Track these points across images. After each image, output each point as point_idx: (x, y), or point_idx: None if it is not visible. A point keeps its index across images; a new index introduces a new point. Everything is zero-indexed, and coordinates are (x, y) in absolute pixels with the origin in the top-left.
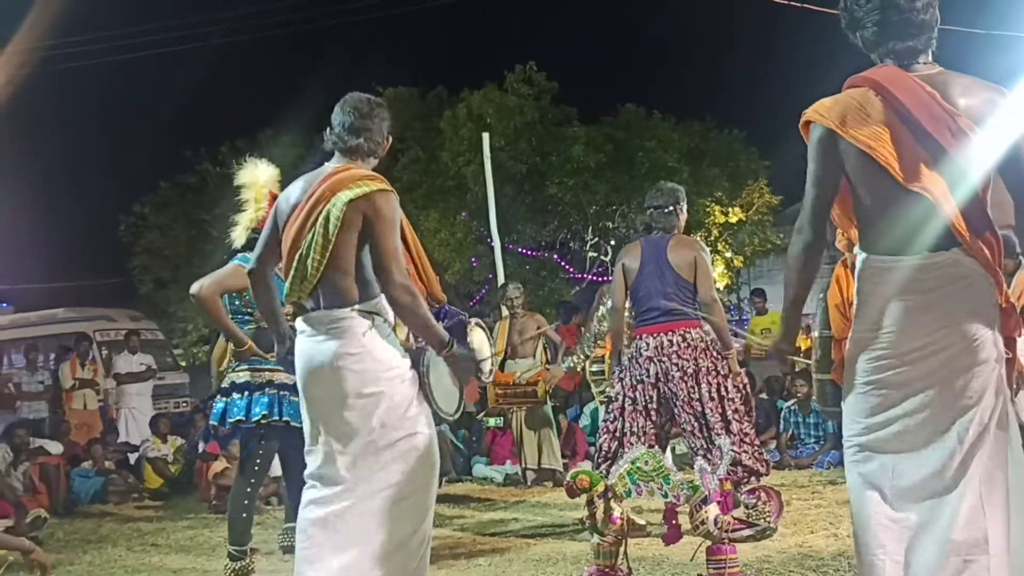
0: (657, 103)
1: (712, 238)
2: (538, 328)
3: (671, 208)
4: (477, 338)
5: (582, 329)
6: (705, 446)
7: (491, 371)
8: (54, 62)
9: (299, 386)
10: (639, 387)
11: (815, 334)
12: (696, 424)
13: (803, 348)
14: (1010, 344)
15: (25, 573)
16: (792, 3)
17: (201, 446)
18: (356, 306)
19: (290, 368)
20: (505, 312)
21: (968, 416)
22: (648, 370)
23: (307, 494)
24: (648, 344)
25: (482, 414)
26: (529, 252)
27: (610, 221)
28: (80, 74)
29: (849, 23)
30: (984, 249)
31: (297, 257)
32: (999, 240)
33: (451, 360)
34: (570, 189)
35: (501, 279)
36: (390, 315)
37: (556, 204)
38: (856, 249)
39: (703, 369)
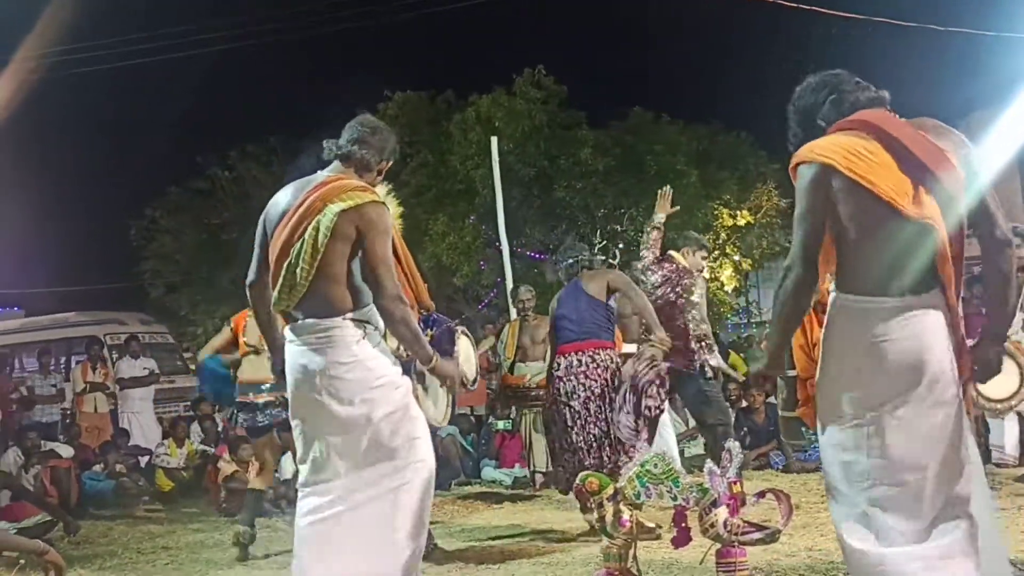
0: (665, 107)
1: (720, 241)
2: (549, 331)
3: None
4: (463, 346)
5: None
6: None
7: (475, 379)
8: (64, 68)
9: (290, 395)
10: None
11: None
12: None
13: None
14: (965, 385)
15: (37, 574)
16: (801, 6)
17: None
18: (347, 315)
19: (283, 379)
20: (515, 315)
21: (934, 451)
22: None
23: (302, 503)
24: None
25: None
26: (537, 255)
27: (618, 224)
28: (90, 79)
29: (804, 119)
30: (953, 290)
31: (286, 266)
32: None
33: (435, 373)
34: (578, 193)
35: (509, 282)
36: (380, 324)
37: (564, 208)
38: (831, 287)
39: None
